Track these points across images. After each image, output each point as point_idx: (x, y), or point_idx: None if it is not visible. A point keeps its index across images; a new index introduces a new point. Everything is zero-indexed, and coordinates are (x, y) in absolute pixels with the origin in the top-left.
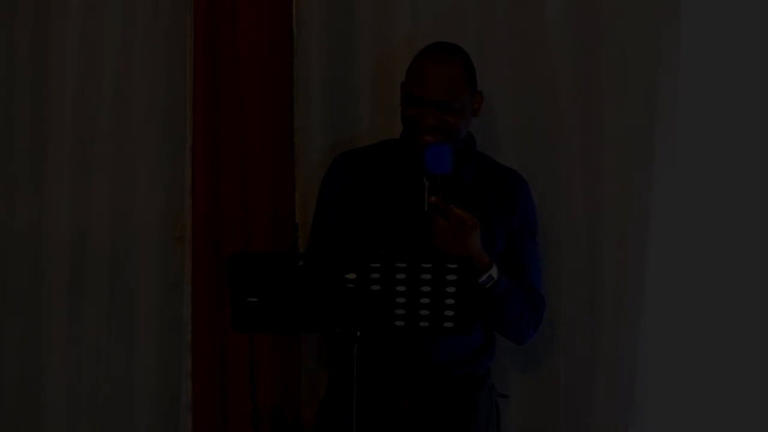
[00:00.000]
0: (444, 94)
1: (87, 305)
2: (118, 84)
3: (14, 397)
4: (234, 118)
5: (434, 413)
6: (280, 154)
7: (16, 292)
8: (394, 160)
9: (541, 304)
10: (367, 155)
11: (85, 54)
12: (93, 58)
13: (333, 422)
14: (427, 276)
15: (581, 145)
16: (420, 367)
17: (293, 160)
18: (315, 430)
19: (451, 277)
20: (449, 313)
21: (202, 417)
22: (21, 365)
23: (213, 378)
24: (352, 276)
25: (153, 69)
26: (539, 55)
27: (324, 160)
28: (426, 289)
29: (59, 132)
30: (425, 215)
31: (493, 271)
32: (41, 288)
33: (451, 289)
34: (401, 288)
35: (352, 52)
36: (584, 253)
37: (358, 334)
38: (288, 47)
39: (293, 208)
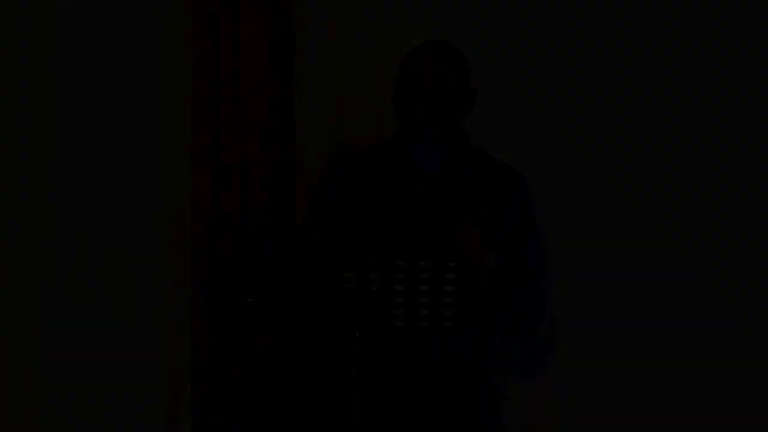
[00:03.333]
0: (442, 83)
1: (86, 305)
2: (118, 84)
3: (14, 397)
4: (234, 118)
5: (435, 413)
6: (280, 154)
7: (16, 292)
8: (390, 160)
9: (543, 297)
10: (364, 156)
11: (85, 54)
12: (93, 58)
13: (334, 422)
14: (426, 275)
15: (581, 145)
16: (421, 366)
17: (293, 160)
18: (315, 430)
19: (450, 276)
20: (448, 312)
21: (202, 417)
22: (20, 365)
23: (213, 378)
24: (350, 275)
25: (153, 69)
26: (539, 54)
27: (324, 160)
28: (425, 288)
29: (59, 131)
30: (419, 215)
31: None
32: (40, 288)
33: (449, 288)
34: (400, 287)
35: (352, 51)
36: (584, 253)
37: (357, 334)
38: (288, 47)
39: (294, 208)
